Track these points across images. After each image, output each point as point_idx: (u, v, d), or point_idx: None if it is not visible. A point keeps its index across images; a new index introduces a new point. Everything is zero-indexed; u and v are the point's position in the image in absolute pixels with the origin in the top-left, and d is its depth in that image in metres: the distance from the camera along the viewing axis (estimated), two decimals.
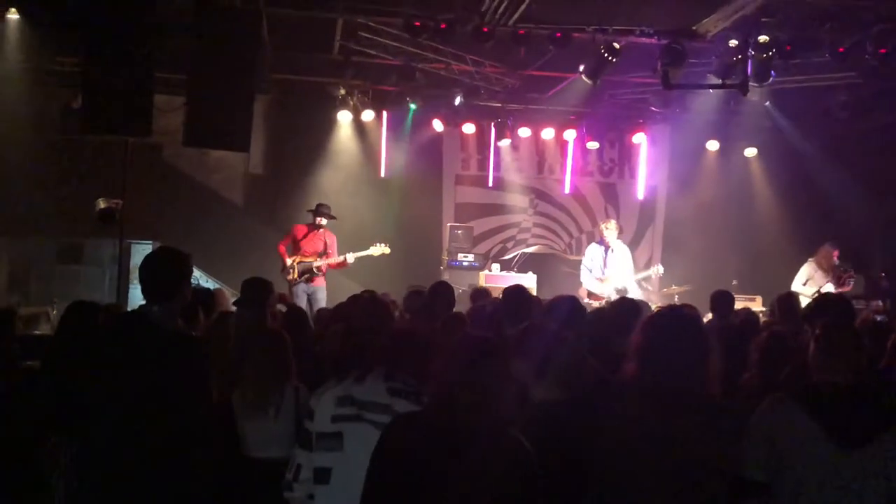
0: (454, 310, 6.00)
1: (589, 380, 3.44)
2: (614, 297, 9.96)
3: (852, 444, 3.15)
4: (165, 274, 3.54)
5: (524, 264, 13.05)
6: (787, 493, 3.22)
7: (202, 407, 3.49)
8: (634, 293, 10.20)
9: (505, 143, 13.62)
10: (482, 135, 13.74)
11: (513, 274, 12.16)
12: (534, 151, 14.22)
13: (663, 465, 3.04)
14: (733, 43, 9.27)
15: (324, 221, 10.85)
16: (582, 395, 3.29)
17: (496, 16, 9.20)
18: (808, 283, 10.63)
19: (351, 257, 10.80)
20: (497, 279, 11.48)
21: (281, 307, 6.96)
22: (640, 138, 13.94)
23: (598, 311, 6.40)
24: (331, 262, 10.81)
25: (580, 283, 10.85)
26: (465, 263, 12.38)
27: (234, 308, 6.12)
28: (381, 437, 2.87)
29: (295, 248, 10.84)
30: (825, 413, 3.21)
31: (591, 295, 10.38)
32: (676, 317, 3.32)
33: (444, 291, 6.04)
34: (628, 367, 3.21)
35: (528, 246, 14.03)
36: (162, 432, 3.34)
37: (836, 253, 10.70)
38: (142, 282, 3.53)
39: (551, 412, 3.23)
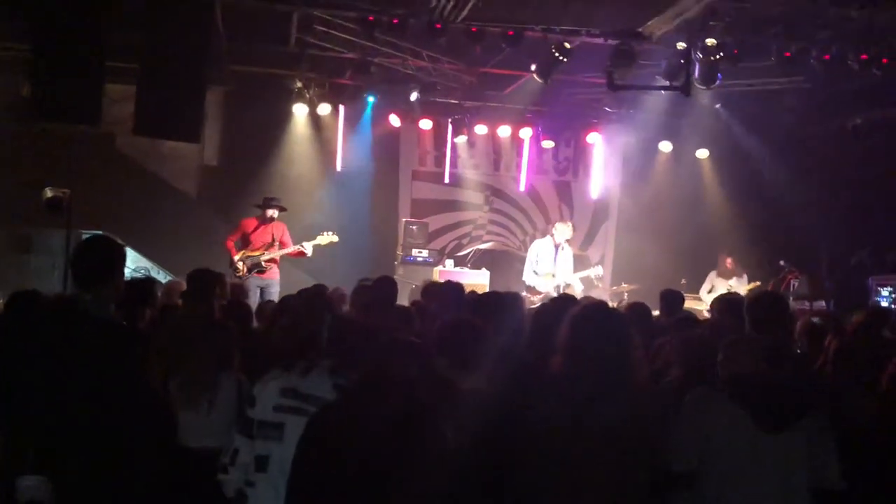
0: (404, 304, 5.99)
1: (515, 371, 3.51)
2: (553, 294, 10.20)
3: (775, 429, 3.25)
4: (95, 260, 3.52)
5: (478, 261, 13.14)
6: (712, 478, 3.32)
7: (135, 396, 3.47)
8: (577, 291, 10.40)
9: (461, 139, 13.64)
10: (439, 131, 13.74)
11: (467, 270, 12.23)
12: (490, 149, 14.26)
13: (588, 453, 3.12)
14: (681, 45, 9.42)
15: (274, 214, 10.57)
16: (508, 386, 3.36)
17: (446, 12, 9.23)
18: (712, 290, 11.67)
19: (308, 247, 10.48)
20: (451, 275, 11.47)
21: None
22: (594, 138, 14.06)
23: (542, 306, 6.50)
24: (284, 252, 10.51)
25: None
26: (419, 259, 12.38)
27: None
28: (307, 425, 2.91)
29: (244, 243, 10.54)
30: (749, 399, 3.31)
31: (529, 289, 10.49)
32: (599, 311, 3.41)
33: (386, 288, 6.03)
34: (555, 359, 3.30)
35: (483, 242, 14.11)
36: (95, 420, 3.32)
37: (728, 260, 12.07)
38: (73, 269, 3.52)
39: (477, 402, 3.30)
